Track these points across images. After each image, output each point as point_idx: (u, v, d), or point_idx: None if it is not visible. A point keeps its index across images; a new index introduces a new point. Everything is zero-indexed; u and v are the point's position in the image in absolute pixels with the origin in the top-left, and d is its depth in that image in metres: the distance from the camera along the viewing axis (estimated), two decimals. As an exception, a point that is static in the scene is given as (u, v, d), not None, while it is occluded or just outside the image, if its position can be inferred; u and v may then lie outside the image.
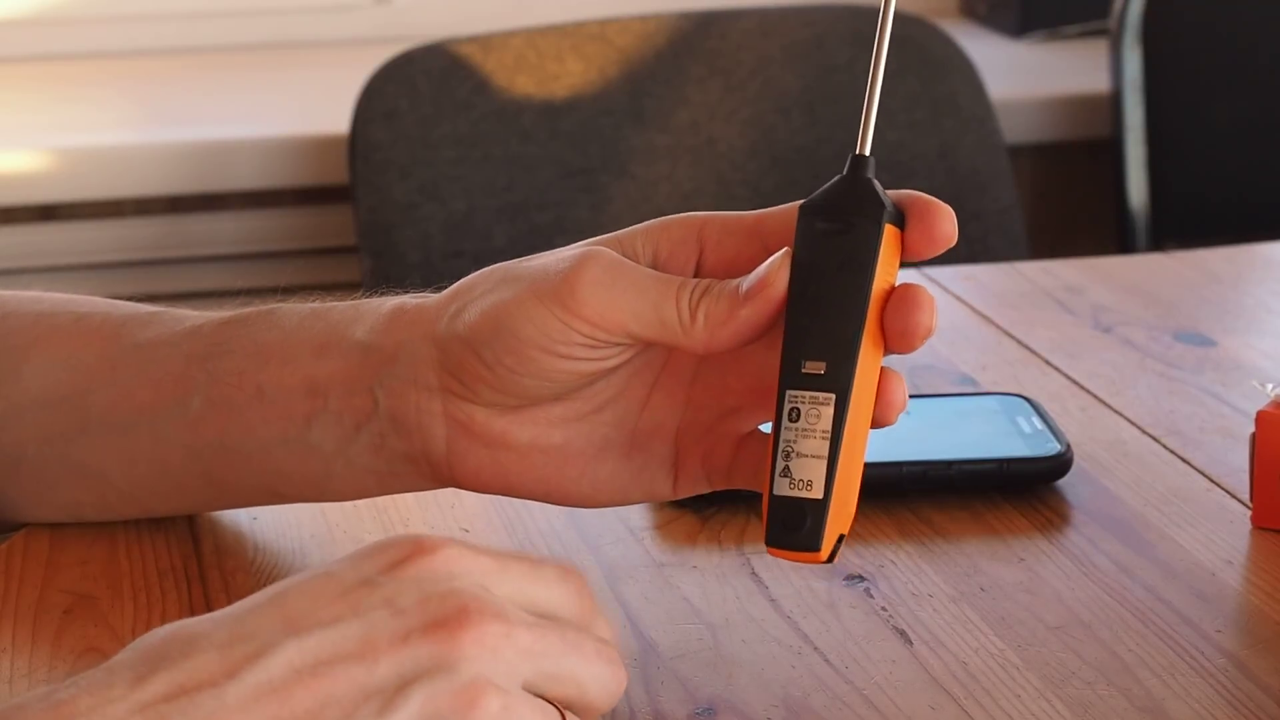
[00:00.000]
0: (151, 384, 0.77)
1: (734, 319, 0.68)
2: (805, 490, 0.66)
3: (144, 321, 0.79)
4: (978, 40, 2.05)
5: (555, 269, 0.70)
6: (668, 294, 0.69)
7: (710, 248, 0.71)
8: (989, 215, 1.77)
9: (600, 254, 0.70)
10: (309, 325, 0.75)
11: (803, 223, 0.68)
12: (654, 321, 0.69)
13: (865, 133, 0.69)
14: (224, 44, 2.09)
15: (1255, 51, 1.95)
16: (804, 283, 0.67)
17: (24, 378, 0.79)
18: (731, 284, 0.69)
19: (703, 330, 0.68)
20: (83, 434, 0.78)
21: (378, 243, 1.68)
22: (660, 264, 0.71)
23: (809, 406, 0.66)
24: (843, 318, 0.67)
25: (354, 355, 0.74)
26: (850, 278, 0.67)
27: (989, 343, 1.05)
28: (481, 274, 0.73)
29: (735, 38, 1.77)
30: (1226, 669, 0.72)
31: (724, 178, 1.75)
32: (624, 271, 0.69)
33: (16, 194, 1.81)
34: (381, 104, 1.69)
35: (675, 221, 0.72)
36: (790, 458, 0.67)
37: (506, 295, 0.70)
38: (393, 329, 0.73)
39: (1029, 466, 0.86)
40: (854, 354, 0.66)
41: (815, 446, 0.66)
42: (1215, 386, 0.98)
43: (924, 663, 0.73)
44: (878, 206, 0.67)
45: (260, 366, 0.75)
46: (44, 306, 0.81)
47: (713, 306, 0.68)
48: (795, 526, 0.66)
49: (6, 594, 0.77)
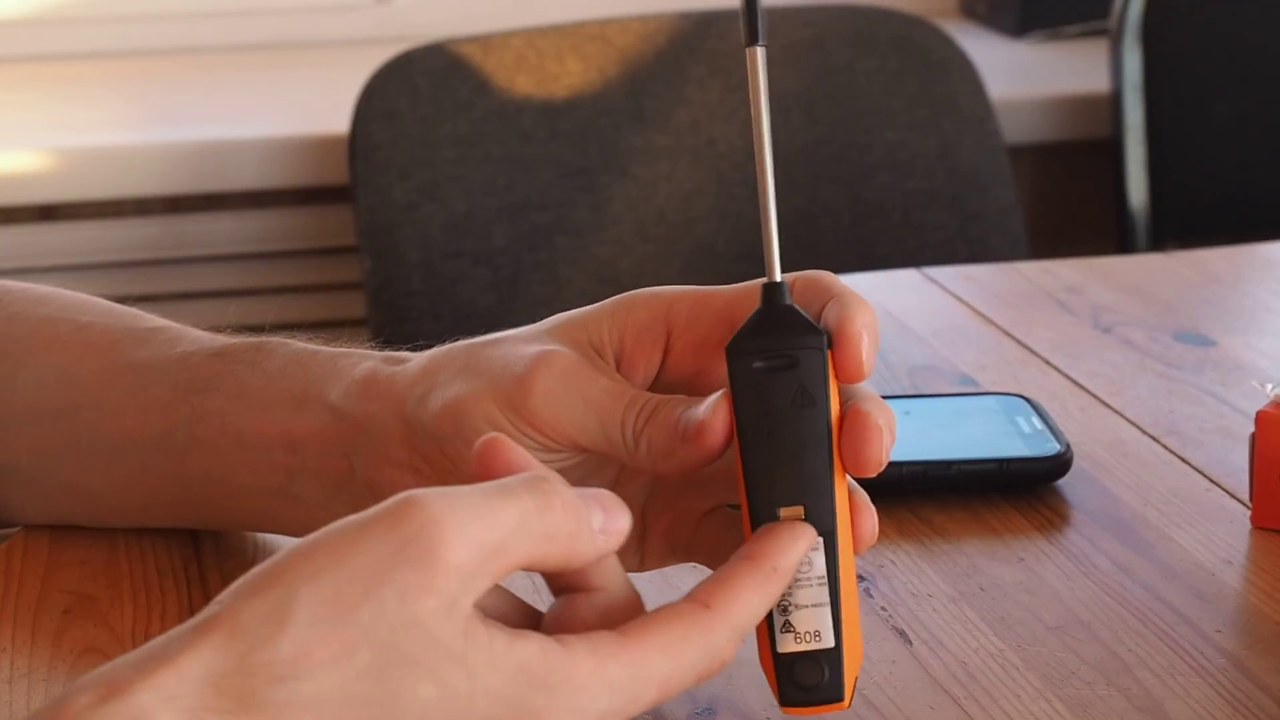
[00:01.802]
0: (140, 410, 0.77)
1: (674, 455, 0.67)
2: (814, 642, 0.64)
3: (141, 339, 0.79)
4: (978, 40, 2.05)
5: (513, 369, 0.69)
6: (615, 413, 0.68)
7: (679, 330, 0.70)
8: (989, 215, 1.77)
9: (555, 359, 0.68)
10: (290, 374, 0.75)
11: (737, 364, 0.65)
12: (601, 439, 0.68)
13: (770, 258, 0.65)
14: (224, 44, 2.09)
15: (1255, 51, 1.95)
16: (755, 424, 0.64)
17: (19, 386, 0.79)
18: (674, 415, 0.67)
19: (645, 458, 0.67)
20: (73, 452, 0.78)
21: (378, 243, 1.68)
22: (626, 351, 0.70)
23: None
24: (809, 456, 0.64)
25: (328, 417, 0.73)
26: (806, 413, 0.64)
27: (989, 343, 1.04)
28: (448, 354, 0.72)
29: (735, 38, 1.77)
30: (1226, 669, 0.72)
31: (724, 178, 1.75)
32: (576, 382, 0.68)
33: (16, 194, 1.81)
34: (381, 104, 1.69)
35: (640, 302, 0.71)
36: (789, 612, 0.64)
37: (465, 390, 0.69)
38: (364, 398, 0.72)
39: (1029, 466, 0.86)
40: (830, 491, 0.64)
41: (814, 595, 0.64)
42: (1215, 386, 0.98)
43: (924, 663, 0.73)
44: (816, 334, 0.65)
45: (241, 411, 0.75)
46: (48, 310, 0.81)
47: (655, 436, 0.67)
48: (813, 682, 0.64)
49: (6, 594, 0.77)
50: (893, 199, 1.76)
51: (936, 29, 1.81)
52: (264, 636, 0.55)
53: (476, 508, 0.58)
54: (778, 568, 0.63)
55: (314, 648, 0.55)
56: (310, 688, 0.55)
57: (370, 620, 0.56)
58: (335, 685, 0.56)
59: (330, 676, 0.55)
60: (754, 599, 0.63)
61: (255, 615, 0.55)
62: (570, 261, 1.71)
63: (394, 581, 0.56)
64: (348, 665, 0.56)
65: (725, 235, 1.73)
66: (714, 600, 0.62)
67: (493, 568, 0.58)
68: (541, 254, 1.71)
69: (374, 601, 0.56)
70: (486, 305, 1.68)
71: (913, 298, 1.12)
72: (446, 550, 0.57)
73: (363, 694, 0.56)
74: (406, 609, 0.56)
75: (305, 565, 0.56)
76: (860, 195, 1.75)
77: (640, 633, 0.61)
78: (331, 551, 0.57)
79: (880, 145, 1.76)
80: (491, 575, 0.58)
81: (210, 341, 0.78)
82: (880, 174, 1.76)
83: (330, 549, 0.57)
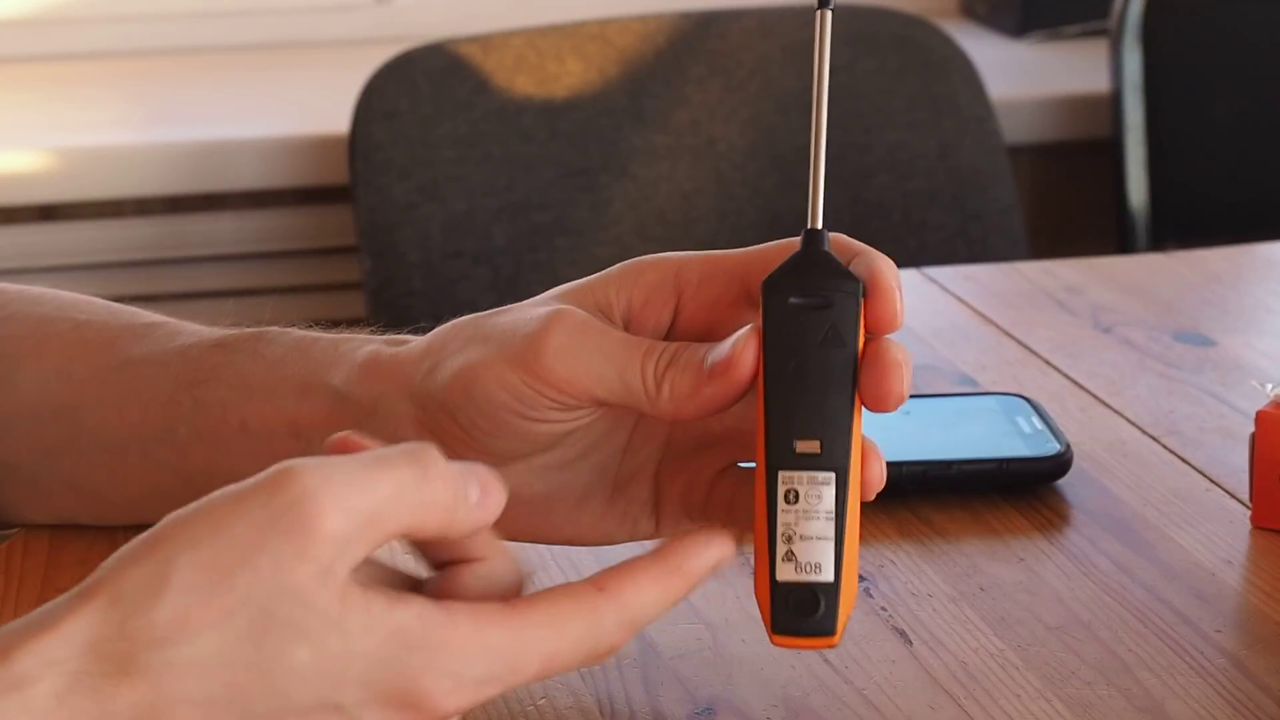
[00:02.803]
0: (141, 405, 0.77)
1: (698, 395, 0.66)
2: (814, 574, 0.64)
3: (139, 335, 0.79)
4: (978, 40, 2.05)
5: (523, 330, 0.68)
6: (633, 361, 0.67)
7: (688, 293, 0.70)
8: (989, 215, 1.77)
9: (567, 316, 0.68)
10: (291, 361, 0.75)
11: (772, 299, 0.65)
12: (620, 389, 0.67)
13: (815, 206, 0.67)
14: (224, 44, 2.09)
15: (1255, 51, 1.95)
16: (782, 359, 0.65)
17: (19, 386, 0.79)
18: (697, 356, 0.67)
19: (668, 402, 0.67)
20: (75, 449, 0.78)
21: (378, 243, 1.68)
22: (635, 313, 0.70)
23: (808, 488, 0.64)
24: (832, 394, 0.65)
25: (333, 402, 0.73)
26: (833, 352, 0.65)
27: (989, 343, 1.04)
28: (454, 327, 0.72)
29: (735, 38, 1.77)
30: (1226, 669, 0.72)
31: (724, 178, 1.75)
32: (590, 335, 0.68)
33: (16, 194, 1.81)
34: (381, 104, 1.68)
35: (650, 265, 0.70)
36: (793, 541, 0.64)
37: (476, 357, 0.69)
38: (368, 380, 0.72)
39: (1029, 466, 0.86)
40: (849, 430, 0.65)
41: (820, 528, 0.64)
42: (1215, 386, 0.98)
43: (924, 663, 0.73)
44: (853, 280, 0.66)
45: (244, 400, 0.75)
46: (45, 310, 0.81)
47: (678, 379, 0.67)
48: (808, 612, 0.64)
49: (6, 594, 0.77)
50: (893, 199, 1.76)
51: (936, 29, 1.81)
52: (142, 602, 0.57)
53: (353, 477, 0.59)
54: (682, 568, 0.63)
55: (191, 613, 0.57)
56: (188, 652, 0.57)
57: (246, 587, 0.57)
58: (213, 649, 0.57)
59: (207, 641, 0.57)
60: (651, 591, 0.63)
61: (134, 582, 0.57)
62: (570, 261, 1.71)
63: (269, 550, 0.57)
64: (225, 630, 0.57)
65: (725, 235, 1.73)
66: (608, 584, 0.62)
67: (369, 535, 0.59)
68: (541, 254, 1.71)
69: (249, 569, 0.57)
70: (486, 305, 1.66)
71: (913, 298, 1.11)
72: (321, 519, 0.58)
73: (240, 658, 0.57)
74: (282, 576, 0.57)
75: (183, 533, 0.58)
76: (860, 195, 1.75)
77: (525, 605, 0.61)
78: (209, 520, 0.58)
79: (880, 145, 1.76)
80: (368, 542, 0.59)
81: (209, 333, 0.78)
82: (880, 174, 1.76)
83: (208, 517, 0.58)
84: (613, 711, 0.69)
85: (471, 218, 1.69)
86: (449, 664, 0.59)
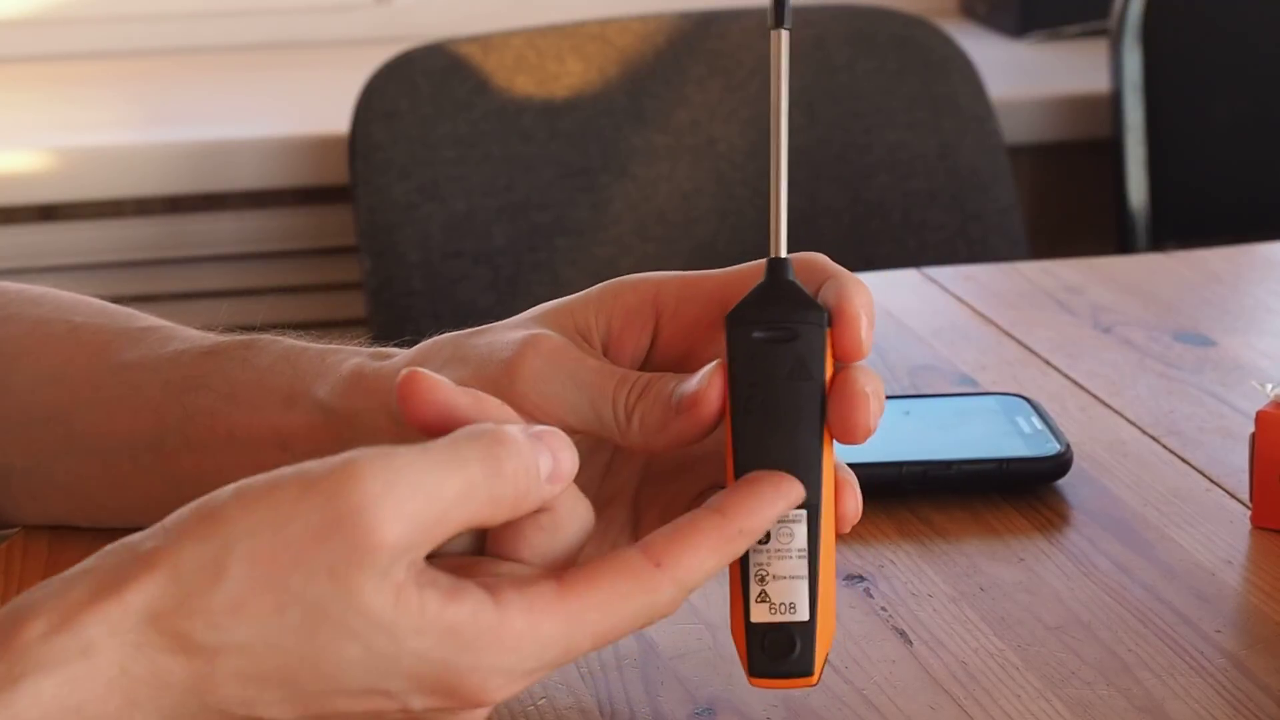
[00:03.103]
0: (131, 411, 0.77)
1: (667, 429, 0.66)
2: (789, 614, 0.64)
3: (134, 339, 0.78)
4: (978, 40, 2.05)
5: (499, 354, 0.68)
6: (605, 391, 0.67)
7: (667, 316, 0.70)
8: (989, 215, 1.77)
9: (542, 341, 0.68)
10: (279, 371, 0.75)
11: (736, 333, 0.64)
12: (592, 418, 0.67)
13: (777, 234, 0.65)
14: (224, 44, 2.09)
15: (1255, 51, 1.95)
16: (748, 393, 0.64)
17: (13, 389, 0.79)
18: (666, 389, 0.66)
19: (638, 435, 0.67)
20: (67, 454, 0.78)
21: (378, 243, 1.68)
22: (614, 336, 0.70)
23: (779, 526, 0.64)
24: (800, 428, 0.64)
25: (317, 414, 0.73)
26: (800, 385, 0.64)
27: (989, 343, 1.04)
28: (435, 345, 0.72)
29: (735, 38, 1.77)
30: (1226, 669, 0.72)
31: (724, 178, 1.75)
32: (564, 362, 0.68)
33: (16, 194, 1.81)
34: (381, 104, 1.69)
35: (628, 286, 0.70)
36: (765, 581, 0.64)
37: (453, 379, 0.68)
38: (351, 394, 0.72)
39: (1029, 466, 0.86)
40: (818, 465, 0.64)
41: (792, 567, 0.64)
42: (1215, 386, 0.98)
43: (924, 663, 0.73)
44: (818, 310, 0.65)
45: (231, 409, 0.75)
46: (43, 311, 0.81)
47: (647, 412, 0.66)
48: (783, 653, 0.64)
49: (6, 594, 0.77)
50: (893, 199, 1.76)
51: (936, 29, 1.81)
52: (201, 585, 0.58)
53: (420, 483, 0.59)
54: (744, 529, 0.63)
55: (247, 602, 0.58)
56: (242, 635, 0.58)
57: (300, 586, 0.58)
58: (265, 637, 0.58)
59: (261, 629, 0.58)
60: (709, 560, 0.62)
61: (194, 561, 0.58)
62: (570, 261, 1.71)
63: (325, 554, 0.58)
64: (278, 621, 0.58)
65: (725, 235, 1.73)
66: (666, 558, 0.62)
67: (432, 536, 0.59)
68: (541, 254, 1.71)
69: (304, 570, 0.58)
70: (486, 305, 1.68)
71: (913, 298, 1.12)
72: (381, 530, 0.58)
73: (292, 648, 0.58)
74: (336, 583, 0.58)
75: (244, 519, 0.58)
76: (860, 195, 1.75)
77: (582, 587, 0.61)
78: (271, 509, 0.59)
79: (880, 145, 1.76)
80: (430, 542, 0.60)
81: (201, 340, 0.78)
82: (880, 174, 1.76)
83: (270, 506, 0.59)
84: (613, 711, 0.69)
85: (471, 218, 1.69)
86: (501, 661, 0.60)
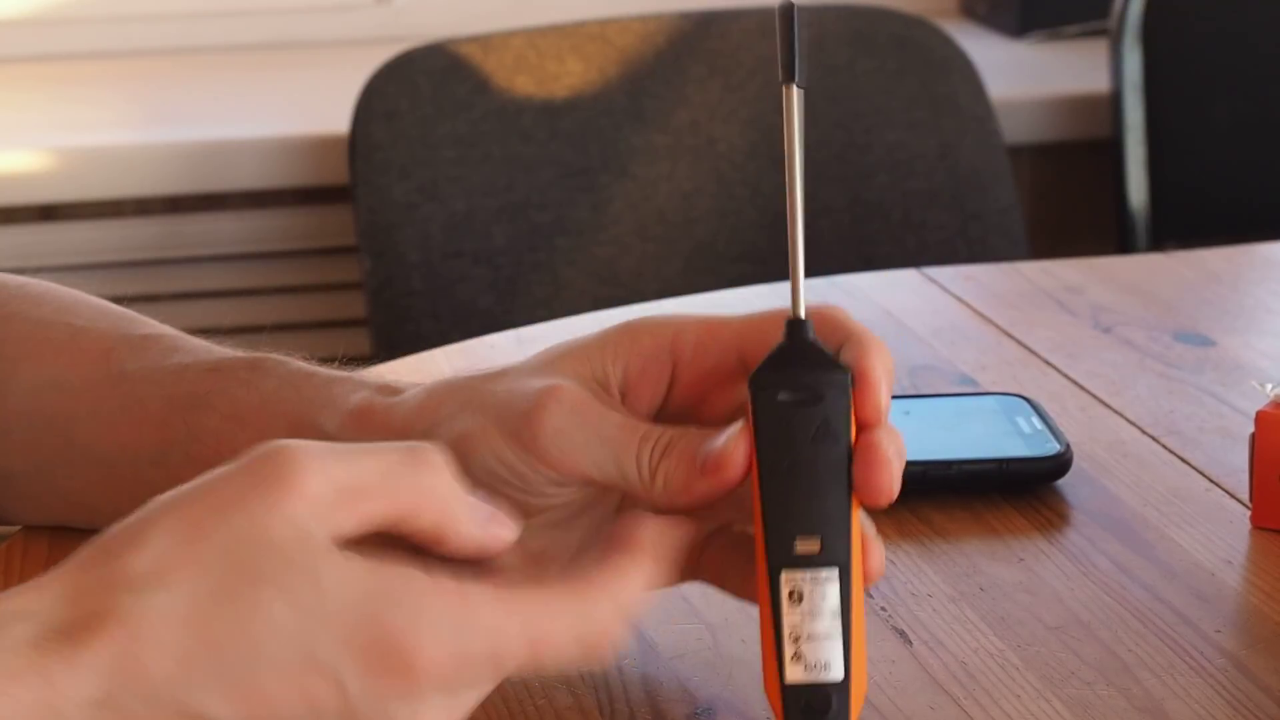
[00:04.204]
0: (134, 423, 0.77)
1: (691, 490, 0.66)
2: (824, 673, 0.64)
3: (136, 347, 0.78)
4: (978, 40, 2.05)
5: (520, 406, 0.68)
6: (629, 448, 0.67)
7: (684, 361, 0.69)
8: (989, 215, 1.77)
9: (564, 394, 0.68)
10: (284, 397, 0.74)
11: (761, 397, 0.65)
12: (615, 475, 0.67)
13: (796, 295, 0.66)
14: (224, 44, 2.09)
15: (1255, 51, 1.95)
16: (775, 456, 0.65)
17: (13, 392, 0.79)
18: (691, 448, 0.67)
19: (661, 494, 0.67)
20: (67, 461, 0.78)
21: (378, 243, 1.68)
22: (631, 382, 0.69)
23: (812, 587, 0.64)
24: (829, 490, 0.65)
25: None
26: (827, 447, 0.65)
27: (989, 343, 1.04)
28: (449, 388, 0.71)
29: (735, 38, 1.77)
30: (1226, 669, 0.72)
31: (724, 178, 1.75)
32: (587, 417, 0.68)
33: (16, 194, 1.81)
34: (381, 104, 1.69)
35: (645, 331, 0.70)
36: (800, 641, 0.64)
37: (473, 427, 0.68)
38: (358, 430, 0.72)
39: (1029, 466, 0.86)
40: (847, 525, 0.65)
41: (826, 627, 0.64)
42: (1215, 386, 0.98)
43: (924, 663, 0.73)
44: (840, 371, 0.65)
45: (237, 431, 0.74)
46: (44, 312, 0.81)
47: (671, 472, 0.67)
48: (820, 712, 0.64)
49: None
50: (893, 199, 1.76)
51: (936, 29, 1.81)
52: (121, 551, 0.59)
53: (340, 453, 0.60)
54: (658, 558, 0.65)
55: (168, 562, 0.58)
56: (164, 599, 0.58)
57: (223, 541, 0.58)
58: (188, 599, 0.58)
59: (184, 590, 0.58)
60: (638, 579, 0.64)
61: (117, 536, 0.59)
62: (570, 261, 1.71)
63: (247, 505, 0.59)
64: (201, 581, 0.58)
65: (725, 235, 1.73)
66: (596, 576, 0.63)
67: (351, 504, 0.60)
68: (541, 254, 1.71)
69: (226, 523, 0.58)
70: (486, 305, 1.68)
71: (913, 298, 1.12)
72: (299, 479, 0.59)
73: (216, 611, 0.58)
74: (256, 530, 0.58)
75: (169, 497, 0.60)
76: (860, 195, 1.75)
77: (514, 586, 0.61)
78: (195, 486, 0.60)
79: (880, 145, 1.76)
80: (351, 512, 0.60)
81: (206, 354, 0.77)
82: (880, 174, 1.76)
83: (194, 485, 0.60)
84: (612, 711, 0.69)
85: (471, 218, 1.69)
86: (431, 622, 0.59)
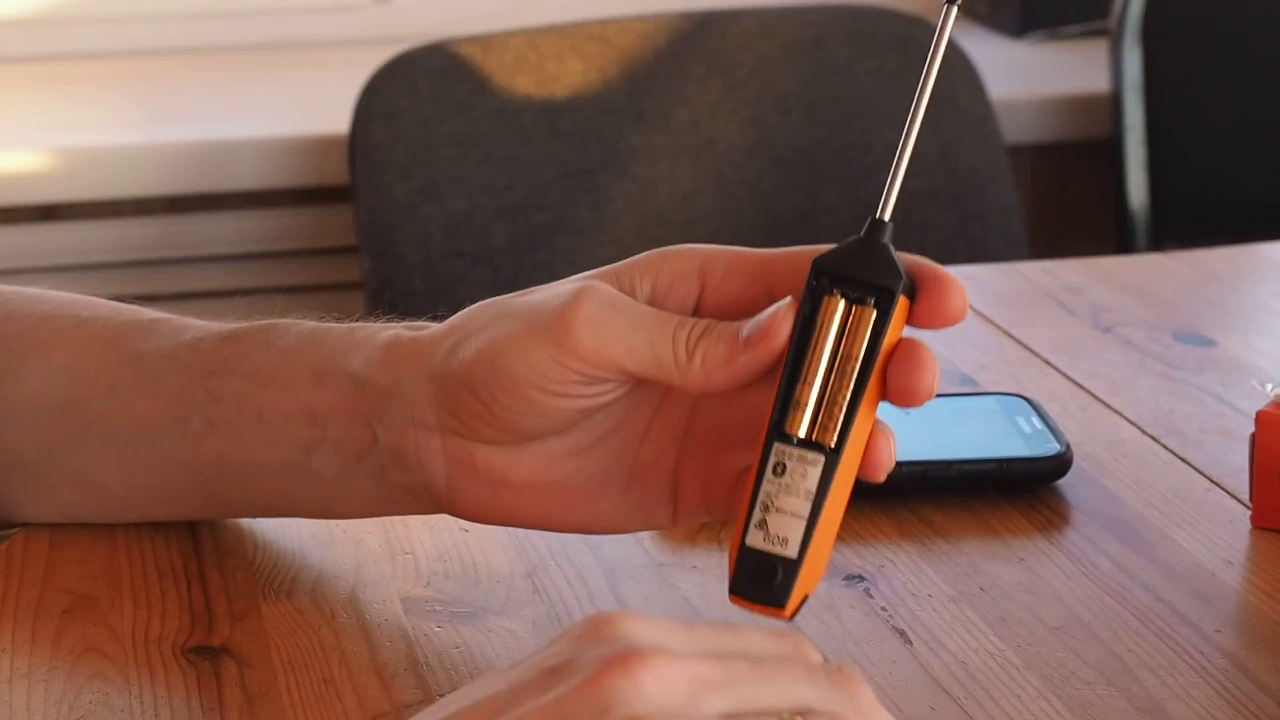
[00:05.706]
0: (150, 397, 0.77)
1: (732, 364, 0.67)
2: (779, 547, 0.66)
3: (144, 330, 0.79)
4: (978, 40, 2.05)
5: (550, 305, 0.69)
6: (665, 332, 0.68)
7: (712, 286, 0.70)
8: (989, 215, 1.77)
9: (596, 289, 0.69)
10: (306, 350, 0.75)
11: (817, 279, 0.67)
12: (650, 360, 0.68)
13: (889, 196, 0.68)
14: (224, 44, 2.09)
15: (1255, 51, 1.95)
16: (808, 335, 0.66)
17: (23, 381, 0.79)
18: (732, 327, 0.68)
19: (699, 372, 0.68)
20: (81, 442, 0.78)
21: (378, 243, 1.68)
22: (659, 298, 0.70)
23: (796, 464, 0.66)
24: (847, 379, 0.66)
25: (350, 388, 0.73)
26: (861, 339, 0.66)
27: (989, 343, 1.05)
28: (477, 308, 0.72)
29: (735, 38, 1.77)
30: (1226, 669, 0.72)
31: (724, 178, 1.75)
32: (620, 308, 0.68)
33: (16, 194, 1.81)
34: (381, 104, 1.69)
35: (676, 254, 0.71)
36: (769, 511, 0.66)
37: (501, 333, 0.69)
38: (389, 364, 0.72)
39: (1029, 466, 0.86)
40: (851, 416, 0.66)
41: (797, 505, 0.66)
42: (1215, 386, 0.98)
43: (924, 663, 0.73)
44: (895, 277, 0.66)
45: (259, 389, 0.75)
46: (46, 308, 0.81)
47: (711, 348, 0.67)
48: (764, 581, 0.66)
49: (6, 594, 0.77)
50: (893, 199, 1.76)
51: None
52: None
53: None
54: None
55: None
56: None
57: None
58: None
59: None
60: None
61: None
62: (570, 261, 1.71)
63: None
64: None
65: (725, 235, 1.73)
66: None
67: None
68: (541, 254, 1.71)
69: None
70: (486, 305, 1.68)
71: (913, 298, 1.12)
72: None
73: None
74: None
75: None
76: (860, 195, 1.75)
77: None
78: None
79: (880, 145, 1.76)
80: None
81: (217, 327, 0.78)
82: (880, 174, 1.76)
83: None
84: (613, 711, 0.69)
85: (471, 218, 1.69)
86: None
